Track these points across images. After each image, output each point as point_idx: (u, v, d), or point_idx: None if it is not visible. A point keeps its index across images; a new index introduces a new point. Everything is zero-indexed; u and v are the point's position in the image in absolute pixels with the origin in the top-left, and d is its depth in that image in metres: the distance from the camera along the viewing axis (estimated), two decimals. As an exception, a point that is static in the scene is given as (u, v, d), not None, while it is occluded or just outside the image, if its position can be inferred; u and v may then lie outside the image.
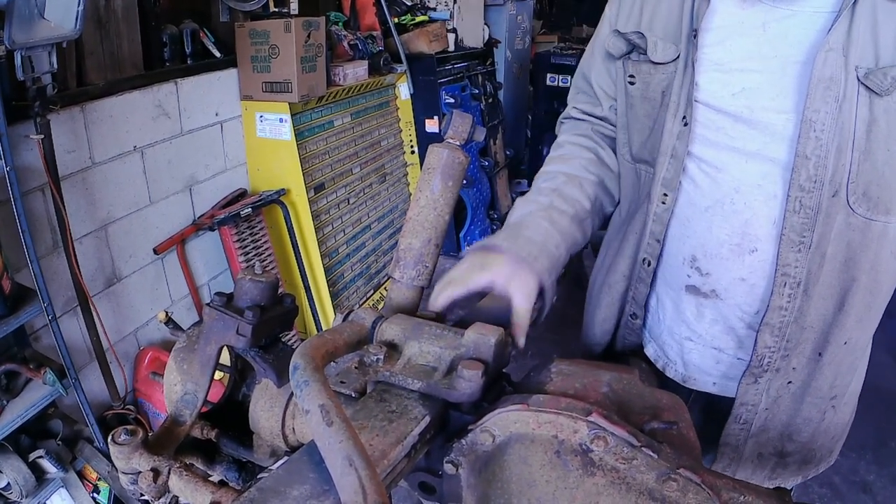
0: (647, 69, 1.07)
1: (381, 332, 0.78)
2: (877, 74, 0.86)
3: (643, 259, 1.12)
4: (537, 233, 1.01)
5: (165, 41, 2.71)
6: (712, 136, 1.00)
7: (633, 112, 1.13)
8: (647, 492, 0.60)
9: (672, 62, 1.03)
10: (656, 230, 1.09)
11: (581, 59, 1.28)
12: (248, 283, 0.76)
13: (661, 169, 1.05)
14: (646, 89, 1.08)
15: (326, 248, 3.40)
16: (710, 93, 0.99)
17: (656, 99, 1.07)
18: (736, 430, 1.11)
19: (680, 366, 1.16)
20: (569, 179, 1.14)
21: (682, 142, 1.02)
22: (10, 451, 2.01)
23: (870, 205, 0.94)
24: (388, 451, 0.61)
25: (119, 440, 0.73)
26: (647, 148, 1.10)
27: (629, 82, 1.11)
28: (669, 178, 1.04)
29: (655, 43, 1.05)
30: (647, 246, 1.11)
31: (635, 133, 1.13)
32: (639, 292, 1.16)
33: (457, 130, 0.92)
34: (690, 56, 0.99)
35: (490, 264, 0.93)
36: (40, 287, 1.93)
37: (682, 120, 1.01)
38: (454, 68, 4.49)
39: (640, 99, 1.10)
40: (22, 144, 2.03)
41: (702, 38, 0.99)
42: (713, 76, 0.99)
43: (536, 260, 0.95)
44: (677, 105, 1.02)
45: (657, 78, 1.06)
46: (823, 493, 2.65)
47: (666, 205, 1.06)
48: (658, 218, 1.08)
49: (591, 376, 0.74)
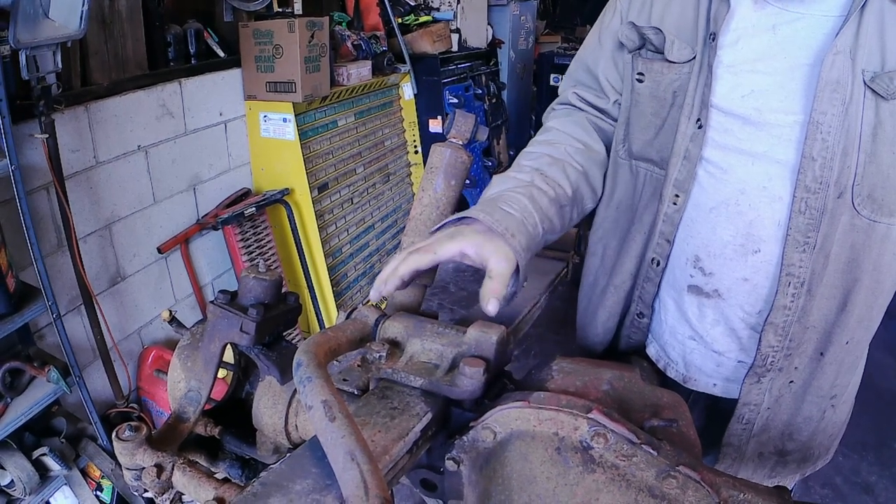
0: (660, 68, 1.06)
1: (384, 330, 0.79)
2: (883, 78, 0.87)
3: (652, 259, 1.12)
4: (515, 208, 0.93)
5: (169, 41, 2.71)
6: (720, 138, 1.00)
7: (637, 109, 1.11)
8: (647, 489, 0.61)
9: (687, 63, 1.02)
10: (666, 231, 1.08)
11: (581, 50, 1.24)
12: (252, 280, 0.76)
13: (673, 170, 1.05)
14: (655, 88, 1.07)
15: (330, 248, 3.41)
16: (720, 95, 0.99)
17: (666, 98, 1.06)
18: (738, 430, 1.12)
19: (681, 366, 1.17)
20: (553, 162, 1.09)
21: (696, 144, 1.01)
22: (13, 448, 2.02)
23: (874, 207, 0.94)
24: (389, 447, 0.62)
25: (123, 436, 0.74)
26: (653, 147, 1.10)
27: (637, 79, 1.10)
28: (682, 179, 1.04)
29: (673, 42, 1.03)
30: (656, 246, 1.11)
31: (638, 130, 1.12)
32: (646, 292, 1.16)
33: (459, 130, 0.93)
34: (707, 59, 0.99)
35: (461, 233, 0.86)
36: (45, 285, 1.94)
37: (697, 122, 1.01)
38: (458, 68, 4.49)
39: (648, 97, 1.09)
40: (26, 143, 2.04)
41: (719, 41, 0.98)
42: (724, 78, 0.99)
43: (514, 237, 0.87)
44: (692, 107, 1.02)
45: (669, 77, 1.05)
46: (825, 493, 2.65)
47: (677, 206, 1.06)
48: (668, 219, 1.07)
49: (592, 374, 0.75)
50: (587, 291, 1.32)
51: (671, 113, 1.06)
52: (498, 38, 5.22)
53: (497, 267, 0.83)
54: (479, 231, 0.86)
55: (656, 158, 1.10)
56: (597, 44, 1.19)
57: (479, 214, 0.88)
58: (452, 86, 4.38)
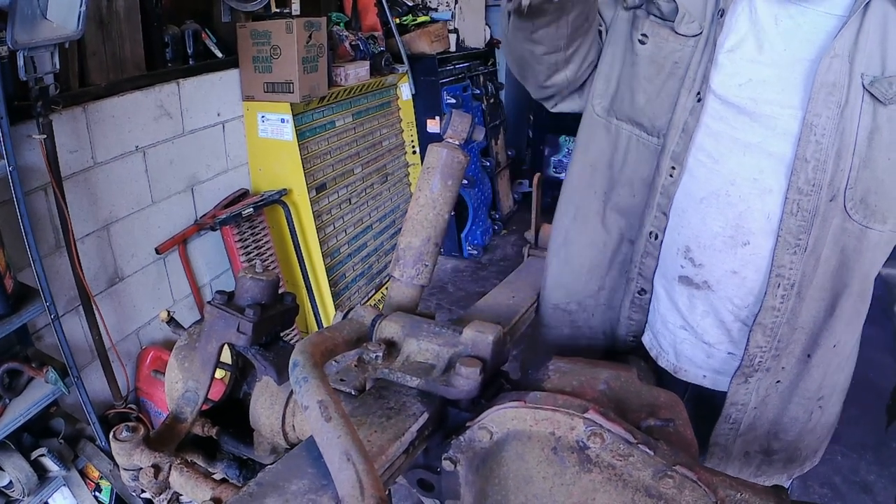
0: (666, 35, 1.04)
1: (381, 330, 0.79)
2: (882, 83, 0.87)
3: (650, 233, 1.10)
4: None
5: (167, 42, 2.71)
6: (714, 125, 1.00)
7: (632, 70, 1.09)
8: (644, 488, 0.61)
9: (693, 37, 1.01)
10: (663, 203, 1.07)
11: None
12: (249, 281, 0.76)
13: (671, 142, 1.04)
14: (657, 53, 1.05)
15: (328, 248, 3.41)
16: (717, 81, 0.99)
17: (664, 66, 1.05)
18: (725, 430, 1.12)
19: (672, 356, 1.17)
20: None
21: (694, 116, 1.01)
22: (12, 449, 2.02)
23: (867, 212, 0.94)
24: (386, 446, 0.62)
25: (121, 437, 0.74)
26: (644, 113, 1.08)
27: (640, 41, 1.07)
28: (679, 151, 1.03)
29: (684, 14, 1.01)
30: (653, 219, 1.09)
31: (627, 91, 1.10)
32: (646, 266, 1.13)
33: (456, 130, 0.93)
34: (713, 35, 0.98)
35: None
36: (43, 286, 1.94)
37: (697, 96, 1.00)
38: (455, 69, 4.49)
39: (646, 60, 1.07)
40: (24, 144, 2.03)
41: (726, 19, 0.97)
42: (723, 64, 0.98)
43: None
44: (693, 80, 1.01)
45: (672, 46, 1.03)
46: (824, 492, 2.65)
47: (673, 178, 1.05)
48: (665, 191, 1.06)
49: (589, 374, 0.75)
50: (557, 249, 1.27)
51: (668, 83, 1.04)
52: (496, 39, 5.23)
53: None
54: None
55: (647, 125, 1.08)
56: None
57: None
58: (450, 86, 4.39)
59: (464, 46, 4.80)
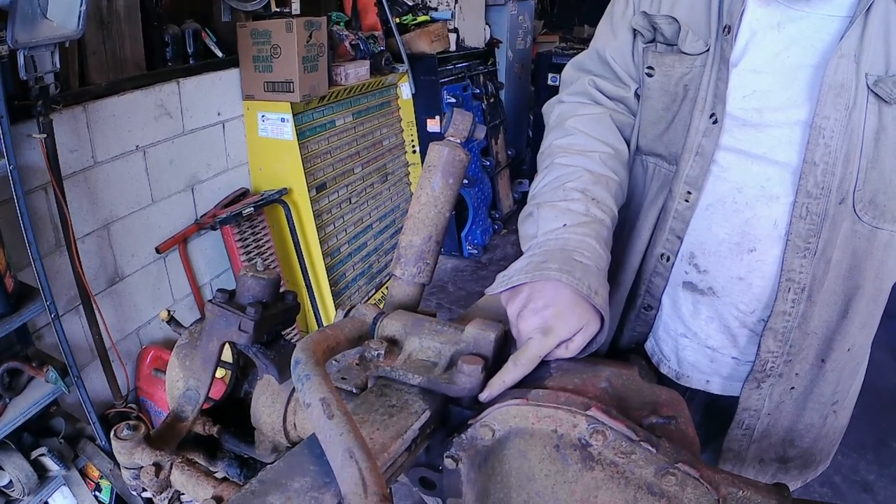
0: (671, 61, 1.04)
1: (382, 328, 0.79)
2: (886, 82, 0.86)
3: (661, 255, 1.10)
4: (589, 257, 0.87)
5: (167, 41, 2.71)
6: (721, 139, 0.99)
7: (647, 104, 1.09)
8: (646, 486, 0.60)
9: (700, 55, 1.01)
10: (677, 227, 1.06)
11: (593, 42, 1.18)
12: (250, 279, 0.76)
13: (685, 166, 1.03)
14: (666, 82, 1.05)
15: (328, 248, 3.41)
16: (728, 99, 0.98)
17: (678, 93, 1.04)
18: (738, 436, 1.11)
19: (674, 363, 1.16)
20: (595, 179, 1.01)
21: (710, 140, 1.00)
22: (12, 448, 2.02)
23: (876, 213, 0.93)
24: (388, 444, 0.62)
25: (122, 435, 0.74)
26: (662, 141, 1.08)
27: (647, 74, 1.08)
28: (695, 175, 1.02)
29: (687, 32, 1.01)
30: (665, 242, 1.08)
31: (648, 125, 1.10)
32: (654, 286, 1.13)
33: (457, 128, 0.93)
34: (721, 52, 0.97)
35: (553, 319, 0.78)
36: (43, 286, 1.94)
37: (711, 117, 0.99)
38: (455, 68, 4.50)
39: (658, 91, 1.07)
40: (25, 144, 2.03)
41: (736, 35, 0.96)
42: (730, 77, 0.97)
43: (597, 294, 0.81)
44: (705, 101, 1.00)
45: (680, 71, 1.03)
46: (824, 492, 2.65)
47: (689, 203, 1.04)
48: (679, 215, 1.05)
49: (591, 372, 0.75)
50: None
51: (682, 107, 1.04)
52: (496, 38, 5.23)
53: (580, 339, 0.79)
54: (565, 301, 0.79)
55: (664, 153, 1.08)
56: (610, 34, 1.14)
57: (560, 276, 0.80)
58: (450, 85, 4.39)
59: (464, 46, 4.80)
